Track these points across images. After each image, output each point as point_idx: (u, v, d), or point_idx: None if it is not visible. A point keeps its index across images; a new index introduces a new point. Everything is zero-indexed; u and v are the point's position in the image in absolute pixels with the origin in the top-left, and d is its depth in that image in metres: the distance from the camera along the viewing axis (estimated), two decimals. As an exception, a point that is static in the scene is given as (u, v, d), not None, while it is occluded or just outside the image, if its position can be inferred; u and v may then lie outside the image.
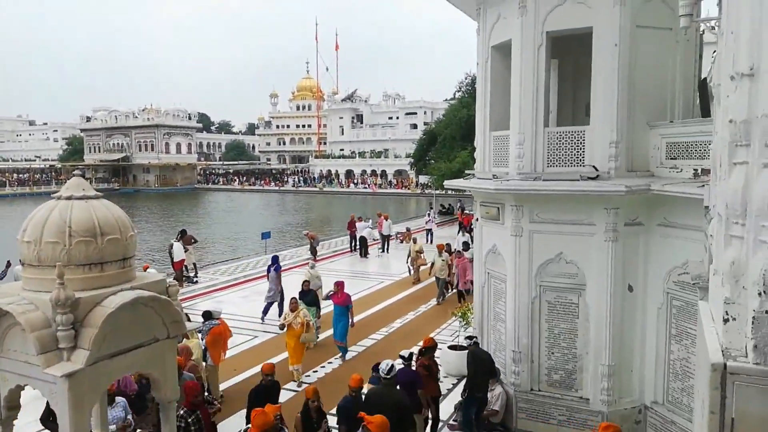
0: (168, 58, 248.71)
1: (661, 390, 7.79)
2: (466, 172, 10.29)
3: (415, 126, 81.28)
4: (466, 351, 10.76)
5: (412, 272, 19.32)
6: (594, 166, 7.56)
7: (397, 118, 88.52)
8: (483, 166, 9.25)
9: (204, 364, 9.55)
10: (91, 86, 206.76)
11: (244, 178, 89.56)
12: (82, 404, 3.82)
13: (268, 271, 15.18)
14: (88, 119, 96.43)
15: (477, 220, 9.64)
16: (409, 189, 66.64)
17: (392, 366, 6.93)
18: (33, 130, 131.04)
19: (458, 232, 25.07)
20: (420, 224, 31.30)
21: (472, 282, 16.49)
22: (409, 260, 19.44)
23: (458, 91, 41.08)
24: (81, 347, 3.80)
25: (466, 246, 17.82)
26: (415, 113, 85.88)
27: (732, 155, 2.42)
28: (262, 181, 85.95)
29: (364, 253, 24.19)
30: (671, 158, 7.40)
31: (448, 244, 18.14)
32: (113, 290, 4.07)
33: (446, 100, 55.48)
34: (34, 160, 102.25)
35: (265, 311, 14.69)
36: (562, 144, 7.87)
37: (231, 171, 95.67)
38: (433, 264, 17.42)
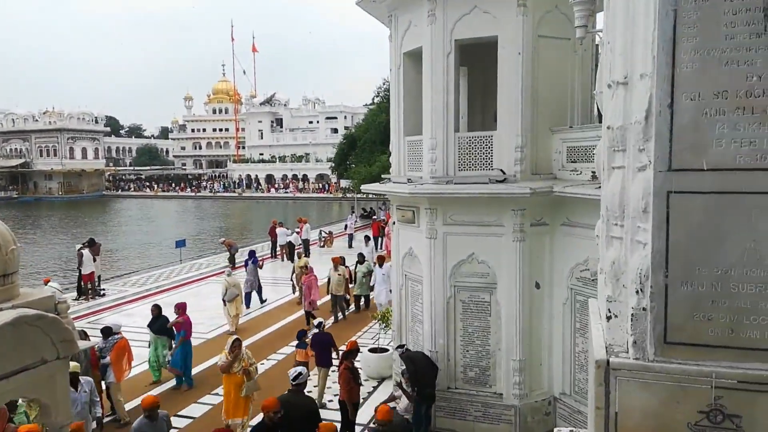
0: (72, 58, 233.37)
1: (569, 382, 8.19)
2: (383, 176, 10.37)
3: (335, 130, 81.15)
4: (385, 354, 10.90)
5: (296, 291, 16.61)
6: (501, 170, 7.84)
7: (318, 122, 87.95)
8: (398, 170, 9.35)
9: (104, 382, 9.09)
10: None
11: (158, 184, 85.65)
12: (-46, 438, 3.46)
13: (246, 264, 16.87)
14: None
15: (394, 223, 9.72)
16: (332, 193, 66.41)
17: (299, 373, 6.95)
18: None
19: (364, 241, 22.29)
20: (341, 228, 31.25)
21: (315, 303, 14.30)
22: (293, 277, 16.79)
23: (377, 96, 41.52)
24: (-48, 375, 3.45)
25: (362, 258, 16.00)
26: (336, 118, 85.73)
27: (611, 160, 2.56)
28: (178, 187, 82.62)
29: (290, 257, 23.75)
30: (572, 161, 7.80)
31: (343, 258, 16.14)
32: (-9, 310, 3.73)
33: (366, 105, 55.87)
34: None
35: (248, 301, 15.93)
36: (472, 149, 8.09)
37: (143, 176, 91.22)
38: (329, 280, 15.18)
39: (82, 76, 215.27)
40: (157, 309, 11.15)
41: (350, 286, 15.52)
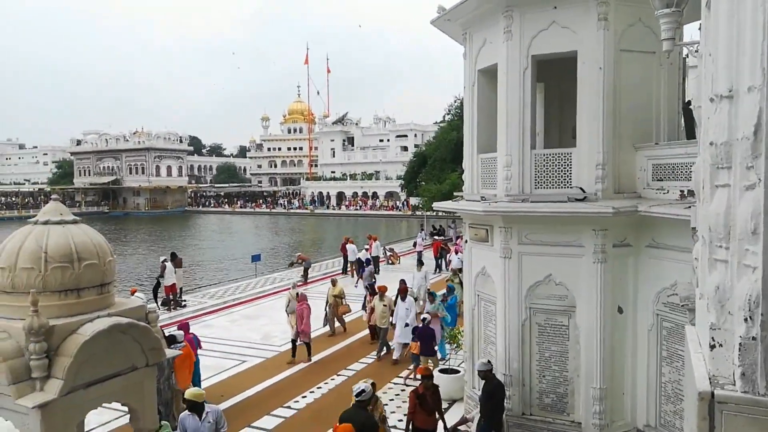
0: (160, 82, 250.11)
1: (654, 413, 7.69)
2: (455, 194, 10.28)
3: (405, 148, 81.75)
4: (457, 375, 10.69)
5: (326, 325, 15.27)
6: (581, 188, 7.56)
7: (388, 140, 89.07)
8: (471, 188, 9.24)
9: None
10: (82, 110, 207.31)
11: (236, 200, 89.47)
12: (55, 437, 3.68)
13: (363, 270, 20.74)
14: (79, 142, 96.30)
15: (466, 241, 9.60)
16: (402, 211, 66.69)
17: (362, 390, 6.89)
18: (22, 154, 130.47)
19: (417, 265, 20.16)
20: (409, 246, 31.23)
21: (307, 334, 12.80)
22: (327, 307, 15.17)
23: (447, 114, 41.42)
24: (55, 377, 3.69)
25: (404, 286, 13.65)
26: (406, 136, 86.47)
27: (714, 178, 2.40)
28: (254, 204, 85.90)
29: (360, 274, 23.93)
30: (658, 180, 7.42)
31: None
32: (90, 317, 3.98)
33: (436, 122, 55.98)
34: (23, 184, 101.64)
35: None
36: (549, 166, 7.87)
37: (222, 194, 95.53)
38: (371, 309, 13.91)
39: (169, 100, 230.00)
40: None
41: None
